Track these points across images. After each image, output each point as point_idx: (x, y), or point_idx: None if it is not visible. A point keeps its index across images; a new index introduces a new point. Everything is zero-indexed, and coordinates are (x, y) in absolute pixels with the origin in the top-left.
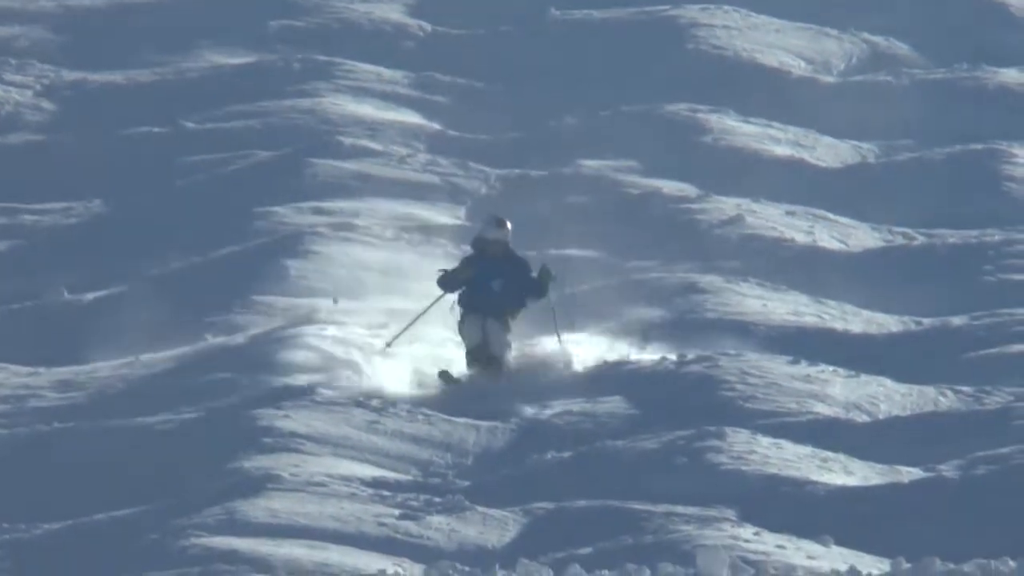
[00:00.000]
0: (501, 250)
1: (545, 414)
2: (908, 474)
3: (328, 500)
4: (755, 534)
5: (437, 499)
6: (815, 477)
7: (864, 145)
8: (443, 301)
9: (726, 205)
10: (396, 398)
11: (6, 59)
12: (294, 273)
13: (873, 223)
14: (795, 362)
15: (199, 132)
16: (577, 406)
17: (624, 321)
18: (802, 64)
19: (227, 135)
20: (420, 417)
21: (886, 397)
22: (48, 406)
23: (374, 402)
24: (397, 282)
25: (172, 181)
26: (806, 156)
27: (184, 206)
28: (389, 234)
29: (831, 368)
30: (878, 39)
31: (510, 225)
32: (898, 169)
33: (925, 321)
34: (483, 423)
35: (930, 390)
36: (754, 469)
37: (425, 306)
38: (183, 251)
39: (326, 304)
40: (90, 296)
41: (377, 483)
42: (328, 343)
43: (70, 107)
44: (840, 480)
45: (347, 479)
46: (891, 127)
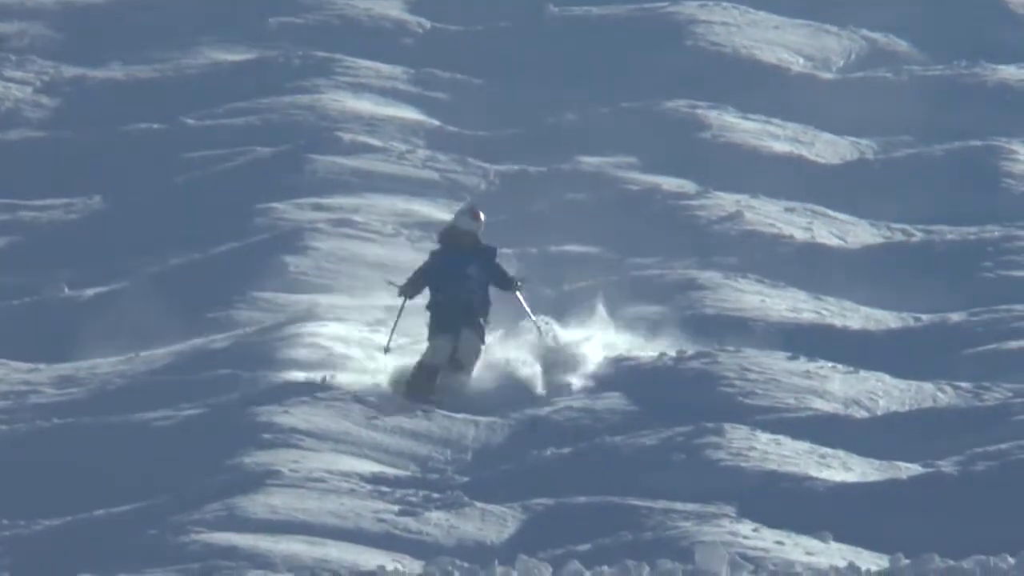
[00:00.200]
0: (471, 242)
1: (544, 410)
2: (907, 470)
3: (328, 496)
4: (754, 530)
5: (436, 495)
6: (814, 473)
7: (863, 142)
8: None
9: (725, 201)
10: (395, 394)
11: (6, 55)
12: (294, 269)
13: (872, 219)
14: (794, 358)
15: (199, 128)
16: (576, 402)
17: (623, 317)
18: (801, 60)
19: (227, 131)
20: (419, 413)
21: (885, 393)
22: (48, 402)
23: (373, 398)
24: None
25: (172, 177)
26: (805, 152)
27: (184, 202)
28: (389, 230)
29: (830, 364)
30: (877, 35)
31: (484, 217)
32: (897, 166)
33: (924, 317)
34: (482, 419)
35: (929, 386)
36: (753, 465)
37: (395, 320)
38: (183, 247)
39: (326, 300)
40: (90, 292)
41: (376, 479)
42: (328, 339)
43: (70, 103)
44: (839, 476)
45: (346, 475)
46: (890, 124)
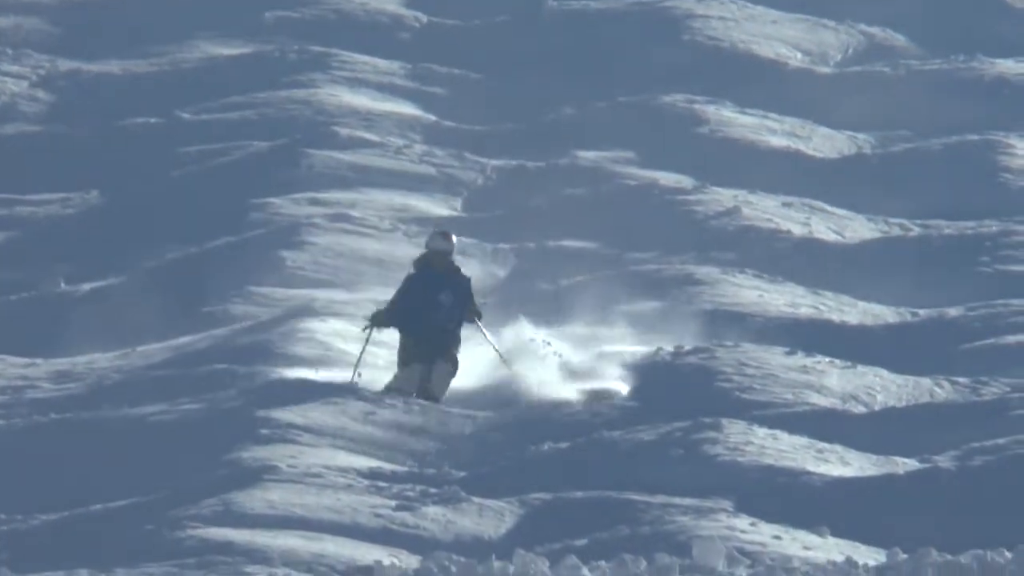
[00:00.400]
0: (444, 263)
1: (541, 405)
2: (904, 465)
3: (325, 491)
4: (751, 525)
5: (433, 490)
6: (811, 468)
7: (861, 136)
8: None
9: (723, 196)
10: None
11: (2, 49)
12: (291, 264)
13: (870, 214)
14: (791, 353)
15: (195, 123)
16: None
17: (621, 312)
18: (799, 55)
19: (223, 126)
20: (416, 408)
21: (882, 388)
22: (45, 397)
23: (370, 393)
24: (394, 273)
25: (168, 172)
26: (803, 147)
27: (180, 197)
28: (386, 225)
29: (827, 359)
30: (875, 30)
31: (455, 239)
32: (895, 160)
33: (922, 312)
34: (479, 413)
35: (926, 381)
36: (750, 460)
37: (363, 344)
38: (179, 242)
39: (323, 295)
40: (87, 287)
41: (373, 474)
42: (325, 334)
43: (66, 98)
44: (836, 471)
45: (344, 470)
46: (888, 118)
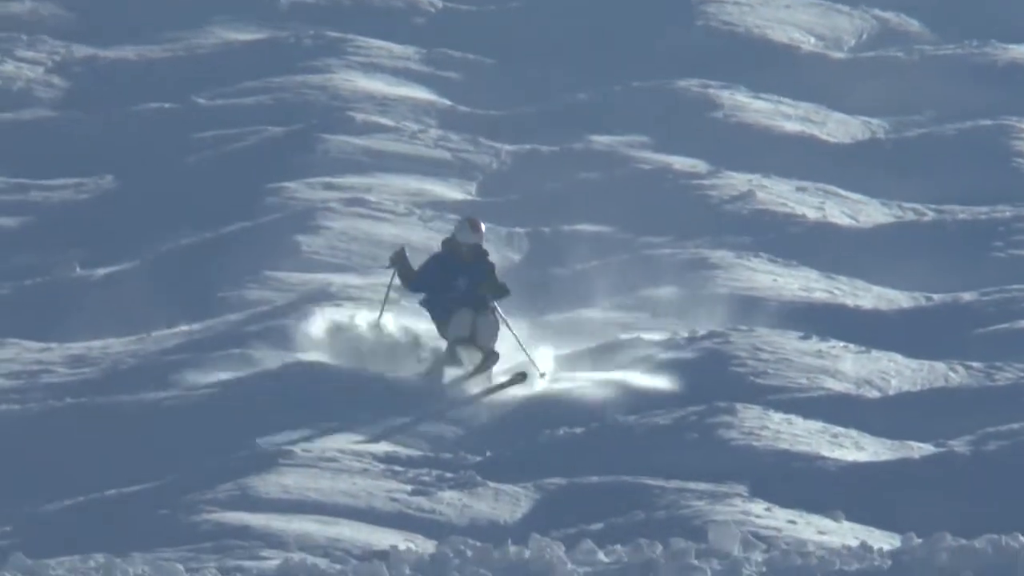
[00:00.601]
0: (472, 252)
1: (556, 389)
2: (919, 449)
3: (340, 476)
4: (766, 509)
5: (449, 475)
6: (826, 453)
7: (874, 121)
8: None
9: (737, 181)
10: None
11: (18, 35)
12: (306, 248)
13: (883, 199)
14: (806, 338)
15: (211, 108)
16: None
17: (635, 297)
18: (812, 40)
19: (239, 111)
20: (432, 392)
21: (897, 373)
22: (60, 382)
23: (386, 378)
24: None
25: (183, 157)
26: (817, 132)
27: (195, 182)
28: (401, 209)
29: (842, 344)
30: (888, 15)
31: (484, 228)
32: (908, 145)
33: (936, 297)
34: (495, 398)
35: (941, 366)
36: (765, 445)
37: (386, 291)
38: (194, 227)
39: (338, 280)
40: (101, 272)
41: (389, 459)
42: (340, 318)
43: (81, 83)
44: (851, 456)
45: (359, 455)
46: (902, 103)
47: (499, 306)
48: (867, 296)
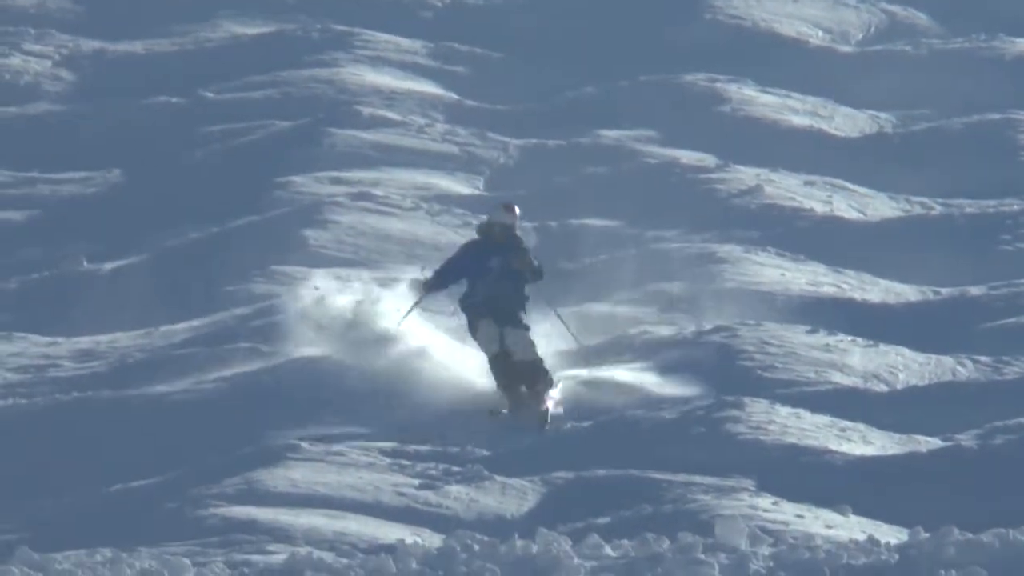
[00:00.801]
0: (506, 235)
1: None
2: (926, 443)
3: (347, 469)
4: (774, 504)
5: (456, 468)
6: (833, 447)
7: (882, 115)
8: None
9: (745, 175)
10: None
11: (25, 29)
12: (313, 243)
13: (891, 193)
14: (813, 332)
15: (218, 102)
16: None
17: (643, 291)
18: (820, 34)
19: (246, 105)
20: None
21: (904, 367)
22: (67, 376)
23: (394, 371)
24: (416, 251)
25: (191, 151)
26: (824, 126)
27: (203, 176)
28: (408, 204)
29: (849, 338)
30: (896, 8)
31: (519, 211)
32: (916, 139)
33: (943, 291)
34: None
35: (948, 360)
36: (773, 439)
37: (417, 300)
38: (202, 221)
39: (345, 274)
40: (109, 266)
41: (396, 453)
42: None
43: (89, 77)
44: (858, 450)
45: (366, 449)
46: (909, 97)
47: (535, 288)
48: (875, 290)
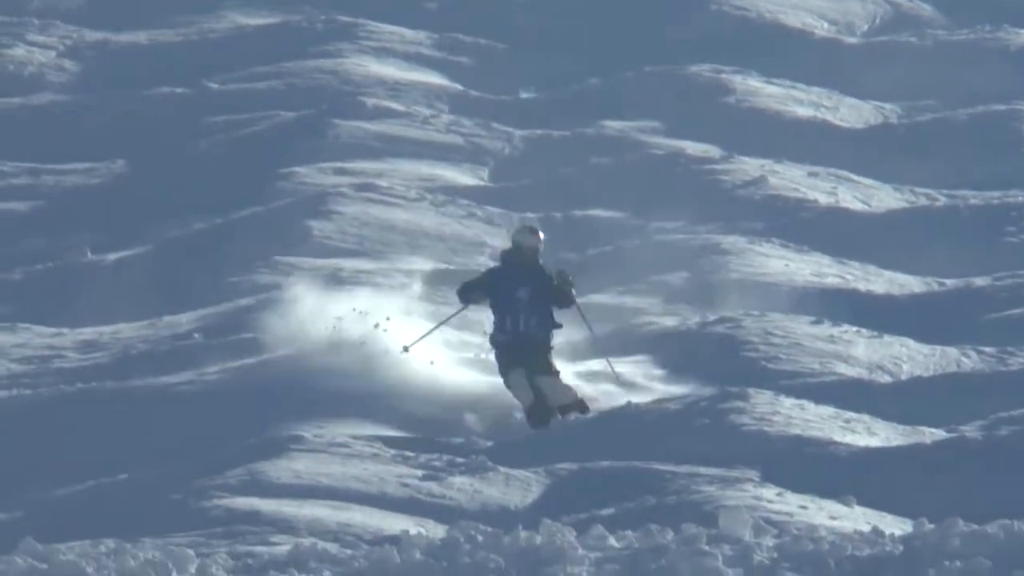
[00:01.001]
0: (531, 259)
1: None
2: (931, 435)
3: (351, 461)
4: (778, 495)
5: (460, 460)
6: (838, 438)
7: (887, 106)
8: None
9: (749, 166)
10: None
11: (29, 19)
12: (317, 234)
13: (896, 184)
14: (818, 323)
15: (222, 93)
16: (600, 367)
17: (647, 282)
18: (825, 25)
19: (250, 96)
20: (444, 378)
21: (909, 358)
22: (71, 367)
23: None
24: (421, 242)
25: (195, 142)
26: (829, 117)
27: (207, 167)
28: (412, 194)
29: (854, 329)
30: (901, 0)
31: (543, 235)
32: (921, 130)
33: (948, 282)
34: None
35: (953, 351)
36: (777, 430)
37: (448, 315)
38: (206, 212)
39: (349, 264)
40: (112, 257)
41: (400, 444)
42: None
43: (93, 68)
44: (863, 441)
45: (370, 440)
46: (914, 88)
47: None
48: (879, 281)
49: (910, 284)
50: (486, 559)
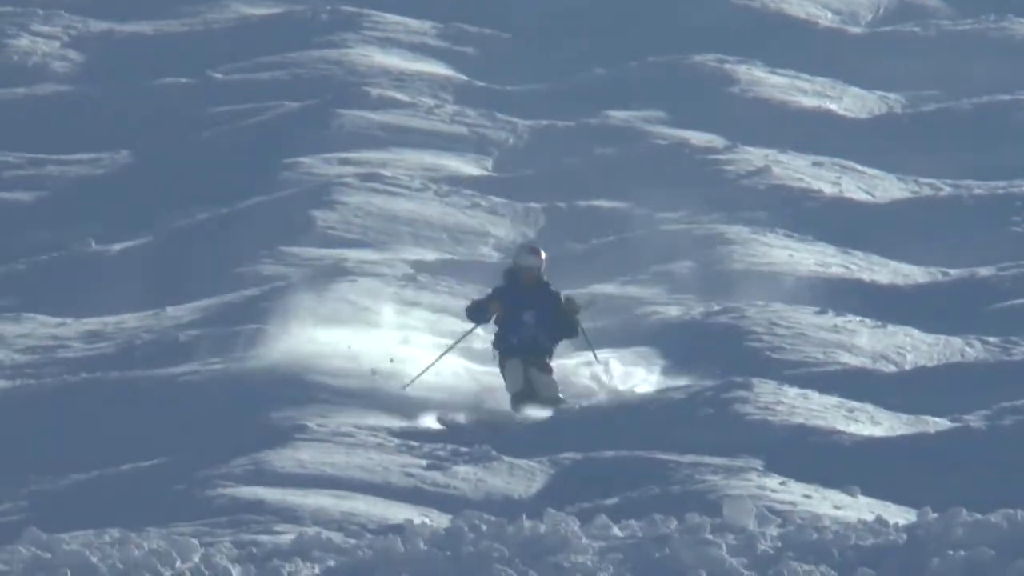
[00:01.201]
0: (534, 279)
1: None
2: (935, 424)
3: (355, 450)
4: (781, 484)
5: (464, 449)
6: (842, 427)
7: (891, 96)
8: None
9: (753, 156)
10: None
11: (34, 10)
12: (321, 223)
13: (900, 174)
14: (822, 312)
15: (227, 83)
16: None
17: (651, 272)
18: (829, 15)
19: (255, 86)
20: (447, 368)
21: (913, 347)
22: (76, 357)
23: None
24: (425, 232)
25: (199, 132)
26: (833, 107)
27: (211, 157)
28: (417, 184)
29: (858, 318)
30: None
31: (544, 254)
32: (925, 120)
33: (952, 272)
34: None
35: (957, 340)
36: (781, 419)
37: (452, 343)
38: (210, 202)
39: (354, 255)
40: (117, 247)
41: (404, 433)
42: (355, 294)
43: (97, 58)
44: (867, 430)
45: (374, 430)
46: (918, 78)
47: (585, 333)
48: (883, 271)
49: (914, 274)
50: (490, 548)
